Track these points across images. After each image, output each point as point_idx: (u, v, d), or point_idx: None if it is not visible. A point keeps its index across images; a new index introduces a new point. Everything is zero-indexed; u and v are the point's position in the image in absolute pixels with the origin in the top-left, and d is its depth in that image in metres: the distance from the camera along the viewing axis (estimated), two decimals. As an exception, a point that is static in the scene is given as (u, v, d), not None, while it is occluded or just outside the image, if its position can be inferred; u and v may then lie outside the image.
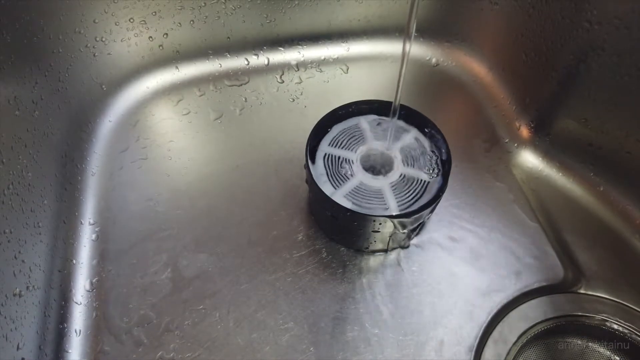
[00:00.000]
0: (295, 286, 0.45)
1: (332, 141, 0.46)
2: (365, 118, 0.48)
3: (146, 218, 0.48)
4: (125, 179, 0.51)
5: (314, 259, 0.46)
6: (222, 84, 0.59)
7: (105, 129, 0.54)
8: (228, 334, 0.42)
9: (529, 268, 0.46)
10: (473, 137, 0.56)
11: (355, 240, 0.46)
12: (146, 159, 0.53)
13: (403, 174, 0.44)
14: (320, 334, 0.42)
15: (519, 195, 0.51)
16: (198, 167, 0.52)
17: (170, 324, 0.43)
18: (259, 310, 0.43)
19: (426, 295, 0.45)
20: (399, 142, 0.46)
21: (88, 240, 0.47)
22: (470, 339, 0.43)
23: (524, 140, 0.55)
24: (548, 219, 0.50)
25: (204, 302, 0.44)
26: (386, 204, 0.42)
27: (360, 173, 0.44)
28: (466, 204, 0.50)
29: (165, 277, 0.45)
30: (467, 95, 0.60)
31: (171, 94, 0.58)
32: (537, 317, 0.44)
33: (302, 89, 0.59)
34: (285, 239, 0.48)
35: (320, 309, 0.44)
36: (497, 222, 0.49)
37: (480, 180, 0.52)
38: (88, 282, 0.45)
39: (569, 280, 0.46)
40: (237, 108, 0.57)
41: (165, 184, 0.51)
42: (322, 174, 0.44)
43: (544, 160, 0.54)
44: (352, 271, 0.46)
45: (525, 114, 0.55)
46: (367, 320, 0.43)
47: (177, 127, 0.55)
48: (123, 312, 0.43)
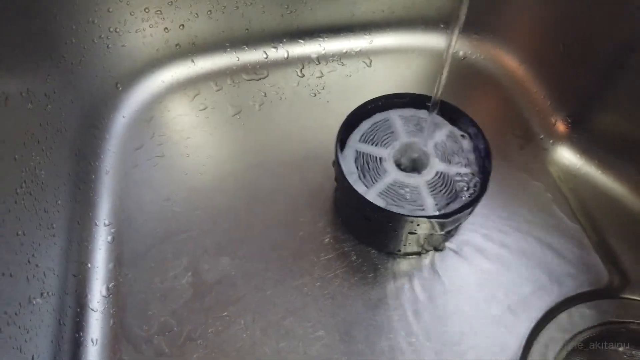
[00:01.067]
0: (324, 292, 0.42)
1: (362, 137, 0.43)
2: (396, 112, 0.45)
3: (163, 219, 0.46)
4: (141, 177, 0.49)
5: (342, 262, 0.44)
6: (240, 78, 0.56)
7: (119, 125, 0.51)
8: (254, 343, 0.40)
9: (570, 272, 0.44)
10: (506, 133, 0.53)
11: (387, 243, 0.44)
12: (162, 157, 0.50)
13: (439, 171, 0.41)
14: (352, 344, 0.40)
15: (557, 194, 0.49)
16: (217, 165, 0.50)
17: (192, 332, 0.40)
18: (287, 318, 0.41)
19: (464, 301, 0.42)
20: (434, 138, 0.43)
21: (104, 242, 0.44)
22: (513, 349, 0.40)
23: (560, 136, 0.52)
24: (589, 219, 0.47)
25: (227, 308, 0.41)
26: (422, 204, 0.39)
27: (394, 171, 0.41)
28: (501, 204, 0.48)
29: (185, 282, 0.43)
30: (497, 90, 0.57)
31: (187, 89, 0.55)
32: (580, 324, 0.41)
33: (323, 83, 0.57)
34: (312, 241, 0.45)
35: (352, 316, 0.41)
36: (535, 224, 0.47)
37: (515, 179, 0.50)
38: (104, 288, 0.42)
39: (614, 285, 0.43)
40: (257, 103, 0.55)
41: (182, 182, 0.48)
42: (353, 172, 0.41)
43: (582, 157, 0.51)
44: (384, 275, 0.44)
45: (562, 108, 0.52)
46: (403, 328, 0.41)
47: (194, 123, 0.53)
48: (142, 320, 0.41)
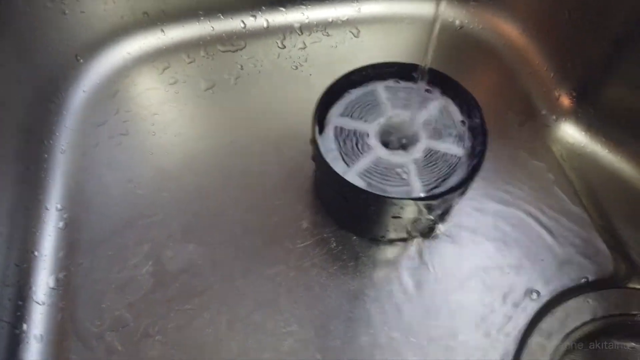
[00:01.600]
0: (300, 282, 0.39)
1: (343, 111, 0.39)
2: (382, 84, 0.41)
3: (125, 203, 0.42)
4: (102, 157, 0.45)
5: (321, 249, 0.40)
6: (214, 49, 0.52)
7: (78, 100, 0.47)
8: (219, 339, 0.36)
9: (573, 260, 0.41)
10: (505, 109, 0.49)
11: (370, 228, 0.40)
12: (126, 135, 0.46)
13: (428, 148, 0.37)
14: (328, 339, 0.37)
15: (560, 175, 0.45)
16: (186, 143, 0.46)
17: (150, 327, 0.36)
18: (256, 311, 0.37)
19: (454, 292, 0.39)
20: (424, 112, 0.39)
21: (54, 228, 0.40)
22: (508, 344, 0.37)
23: (564, 111, 0.49)
24: (594, 202, 0.44)
25: (191, 300, 0.38)
26: (409, 185, 0.35)
27: (378, 148, 0.37)
28: (498, 186, 0.44)
29: (146, 271, 0.39)
30: (496, 62, 0.53)
31: (156, 61, 0.51)
32: (583, 316, 0.38)
33: (306, 55, 0.53)
34: (288, 226, 0.41)
35: (328, 309, 0.38)
36: (534, 207, 0.43)
37: (514, 158, 0.46)
38: (52, 278, 0.38)
39: (620, 274, 0.40)
40: (232, 77, 0.50)
41: (148, 163, 0.45)
42: (332, 149, 0.37)
43: (587, 134, 0.47)
44: (366, 264, 0.40)
45: (566, 82, 0.49)
46: (385, 322, 0.37)
47: (163, 98, 0.48)
48: (94, 314, 0.37)
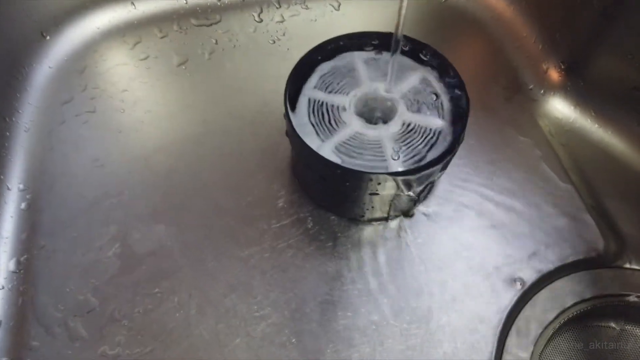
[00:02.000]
0: (274, 263, 0.37)
1: (318, 83, 0.37)
2: (360, 55, 0.39)
3: (91, 183, 0.40)
4: (67, 135, 0.43)
5: (297, 230, 0.39)
6: (188, 23, 0.50)
7: (43, 76, 0.45)
8: (189, 323, 0.35)
9: (561, 238, 0.40)
10: (491, 83, 0.48)
11: (348, 207, 0.38)
12: (94, 112, 0.44)
13: (407, 121, 0.36)
14: (304, 322, 0.35)
15: (548, 151, 0.44)
16: (157, 121, 0.44)
17: (116, 311, 0.35)
18: (228, 294, 0.36)
19: (436, 273, 0.38)
20: (403, 83, 0.37)
21: (16, 209, 0.38)
22: (491, 327, 0.36)
23: (552, 85, 0.47)
24: (583, 179, 0.43)
25: (159, 284, 0.36)
26: (386, 159, 0.34)
27: (354, 121, 0.36)
28: (483, 163, 0.43)
29: (112, 253, 0.37)
30: (482, 35, 0.51)
31: (127, 36, 0.48)
32: (572, 297, 0.38)
33: (284, 29, 0.50)
34: (262, 206, 0.40)
35: (304, 291, 0.36)
36: (521, 184, 0.42)
37: (500, 133, 0.45)
38: (13, 261, 0.37)
39: (610, 253, 0.39)
40: (206, 52, 0.48)
41: (116, 141, 0.43)
42: (306, 123, 0.35)
43: (576, 109, 0.46)
44: (344, 244, 0.38)
45: (555, 53, 0.47)
46: (363, 304, 0.36)
47: (133, 74, 0.46)
48: (57, 298, 0.35)
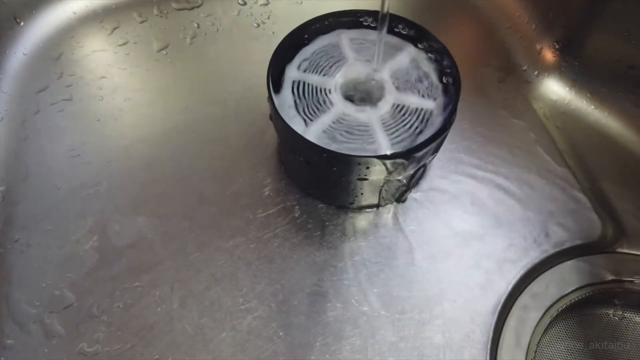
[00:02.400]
0: (260, 254, 0.36)
1: (302, 64, 0.36)
2: (346, 34, 0.37)
3: (68, 173, 0.39)
4: (43, 125, 0.41)
5: (284, 219, 0.38)
6: (168, 7, 0.48)
7: (17, 63, 0.43)
8: (171, 318, 0.34)
9: (557, 224, 0.39)
10: (483, 65, 0.47)
11: (336, 194, 0.37)
12: (70, 100, 0.42)
13: (396, 103, 0.34)
14: (292, 315, 0.34)
15: (542, 134, 0.43)
16: (137, 108, 0.42)
17: (94, 307, 0.34)
18: (212, 287, 0.35)
19: (429, 261, 0.37)
20: (391, 63, 0.36)
21: (-12, 202, 0.37)
22: (487, 315, 0.35)
23: (546, 66, 0.46)
24: (579, 162, 0.42)
25: (140, 278, 0.35)
26: (375, 142, 0.32)
27: (341, 103, 0.34)
28: (477, 147, 0.42)
29: (90, 247, 0.36)
30: (474, 15, 0.50)
31: (104, 21, 0.47)
32: (569, 284, 0.37)
33: (269, 11, 0.49)
34: (248, 195, 0.38)
35: (292, 283, 0.35)
36: (515, 168, 0.41)
37: (493, 117, 0.44)
38: (-14, 256, 0.35)
39: (608, 238, 0.39)
40: (188, 36, 0.47)
41: (94, 130, 0.41)
42: (290, 106, 0.34)
43: (572, 90, 0.45)
44: (333, 233, 0.37)
45: (549, 34, 0.46)
46: (354, 295, 0.35)
47: (111, 60, 0.45)
48: (33, 294, 0.34)
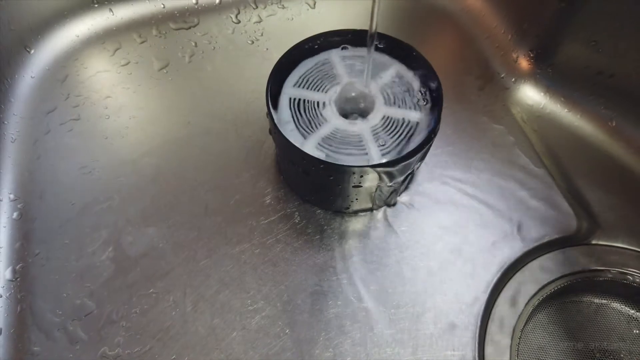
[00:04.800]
0: (265, 258, 0.38)
1: (298, 81, 0.38)
2: (337, 52, 0.40)
3: (80, 189, 0.41)
4: (54, 144, 0.43)
5: (285, 225, 0.40)
6: (166, 27, 0.50)
7: (26, 86, 0.45)
8: (185, 321, 0.36)
9: (536, 220, 0.41)
10: (464, 74, 0.49)
11: (333, 200, 0.39)
12: (78, 120, 0.44)
13: (386, 115, 0.37)
14: (296, 313, 0.36)
15: (520, 137, 0.45)
16: (142, 125, 0.44)
17: (113, 313, 0.36)
18: (222, 290, 0.37)
19: (420, 258, 0.39)
20: (380, 79, 0.38)
21: (8, 219, 0.39)
22: (475, 306, 0.37)
23: (522, 73, 0.48)
24: (555, 162, 0.44)
25: (154, 284, 0.37)
26: (367, 152, 0.35)
27: (334, 117, 0.36)
28: (460, 151, 0.44)
29: (105, 257, 0.38)
30: (454, 27, 0.52)
31: (106, 42, 0.49)
32: (549, 274, 0.39)
33: (262, 29, 0.51)
34: (250, 204, 0.41)
35: (295, 284, 0.37)
36: (497, 170, 0.43)
37: (474, 122, 0.46)
38: (10, 270, 0.37)
39: (583, 231, 0.41)
40: (186, 55, 0.49)
41: (102, 148, 0.43)
42: (288, 121, 0.36)
43: (546, 95, 0.47)
44: (331, 236, 0.39)
45: (524, 43, 0.48)
46: (352, 292, 0.37)
47: (115, 80, 0.47)
48: (55, 304, 0.36)
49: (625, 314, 0.40)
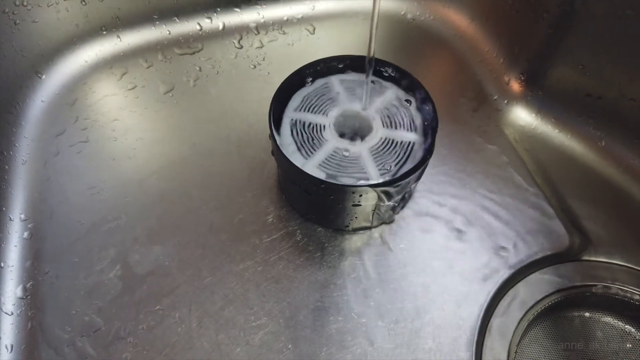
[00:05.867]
0: (267, 276, 0.39)
1: (299, 105, 0.40)
2: (336, 77, 0.42)
3: (89, 209, 0.42)
4: (63, 166, 0.44)
5: (287, 243, 0.41)
6: (172, 52, 0.52)
7: (36, 110, 0.47)
8: (190, 336, 0.36)
9: (530, 237, 0.42)
10: (458, 96, 0.50)
11: (333, 218, 0.40)
12: (87, 142, 0.46)
13: (384, 136, 0.38)
14: (298, 329, 0.37)
15: (513, 157, 0.46)
16: (148, 147, 0.46)
17: (121, 329, 0.36)
18: (226, 307, 0.38)
19: (418, 275, 0.40)
20: (377, 102, 0.40)
21: (19, 239, 0.40)
22: (471, 321, 0.38)
23: (514, 95, 0.50)
24: (547, 181, 0.45)
25: (160, 301, 0.38)
26: (366, 173, 0.36)
27: (334, 139, 0.38)
28: (455, 170, 0.45)
29: (113, 275, 0.39)
30: (448, 51, 0.54)
31: (114, 67, 0.50)
32: (543, 290, 0.40)
33: (263, 54, 0.53)
34: (253, 222, 0.42)
35: (297, 300, 0.38)
36: (491, 189, 0.44)
37: (469, 142, 0.47)
38: (20, 288, 0.38)
39: (575, 248, 0.42)
40: (191, 79, 0.50)
41: (110, 169, 0.44)
42: (290, 143, 0.38)
43: (537, 116, 0.49)
44: (332, 254, 0.40)
45: (515, 66, 0.50)
46: (353, 308, 0.38)
47: (122, 103, 0.48)
48: (64, 320, 0.37)
49: (618, 329, 0.41)
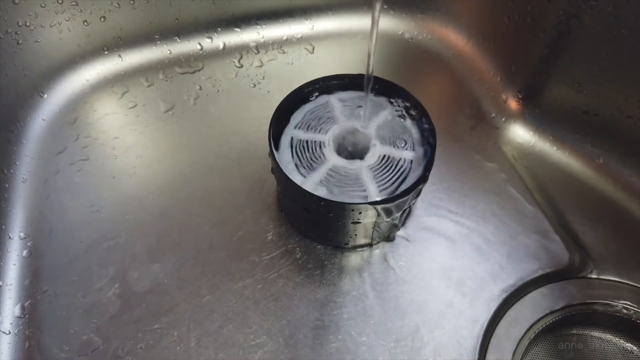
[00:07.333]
0: (267, 294, 0.39)
1: (298, 123, 0.40)
2: (335, 96, 0.42)
3: (88, 227, 0.42)
4: (63, 184, 0.44)
5: (286, 260, 0.41)
6: (172, 71, 0.53)
7: (37, 128, 0.47)
8: (189, 355, 0.36)
9: (530, 254, 0.42)
10: (456, 114, 0.51)
11: (333, 236, 0.40)
12: (87, 160, 0.46)
13: (382, 154, 0.38)
14: (298, 347, 0.37)
15: (512, 174, 0.47)
16: (148, 165, 0.46)
17: (119, 349, 0.36)
18: (225, 325, 0.37)
19: (418, 293, 0.40)
20: (376, 120, 0.40)
21: (18, 257, 0.40)
22: (472, 339, 0.38)
23: (512, 113, 0.50)
24: (546, 198, 0.45)
25: (159, 320, 0.38)
26: (365, 190, 0.36)
27: (334, 157, 0.38)
28: (454, 187, 0.45)
29: (112, 294, 0.39)
30: (446, 70, 0.55)
31: (115, 86, 0.51)
32: (543, 308, 0.39)
33: (263, 73, 0.54)
34: (253, 240, 0.42)
35: (297, 318, 0.38)
36: (490, 206, 0.44)
37: (467, 160, 0.47)
38: (19, 307, 0.38)
39: (575, 265, 0.42)
40: (191, 98, 0.51)
41: (110, 187, 0.44)
42: (289, 161, 0.38)
43: (535, 134, 0.49)
44: (331, 272, 0.40)
45: (512, 85, 0.50)
46: (353, 327, 0.38)
47: (123, 122, 0.49)
48: (62, 340, 0.36)
49: (619, 347, 0.40)
